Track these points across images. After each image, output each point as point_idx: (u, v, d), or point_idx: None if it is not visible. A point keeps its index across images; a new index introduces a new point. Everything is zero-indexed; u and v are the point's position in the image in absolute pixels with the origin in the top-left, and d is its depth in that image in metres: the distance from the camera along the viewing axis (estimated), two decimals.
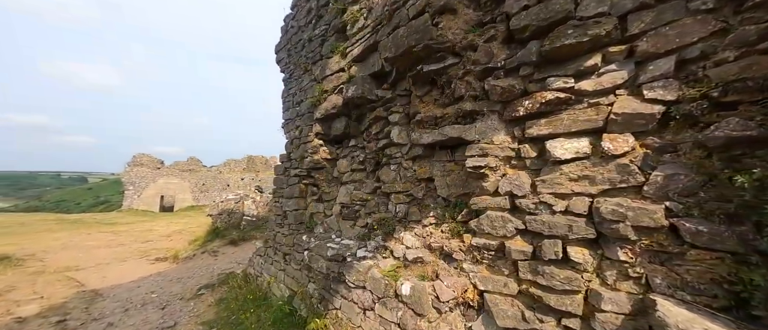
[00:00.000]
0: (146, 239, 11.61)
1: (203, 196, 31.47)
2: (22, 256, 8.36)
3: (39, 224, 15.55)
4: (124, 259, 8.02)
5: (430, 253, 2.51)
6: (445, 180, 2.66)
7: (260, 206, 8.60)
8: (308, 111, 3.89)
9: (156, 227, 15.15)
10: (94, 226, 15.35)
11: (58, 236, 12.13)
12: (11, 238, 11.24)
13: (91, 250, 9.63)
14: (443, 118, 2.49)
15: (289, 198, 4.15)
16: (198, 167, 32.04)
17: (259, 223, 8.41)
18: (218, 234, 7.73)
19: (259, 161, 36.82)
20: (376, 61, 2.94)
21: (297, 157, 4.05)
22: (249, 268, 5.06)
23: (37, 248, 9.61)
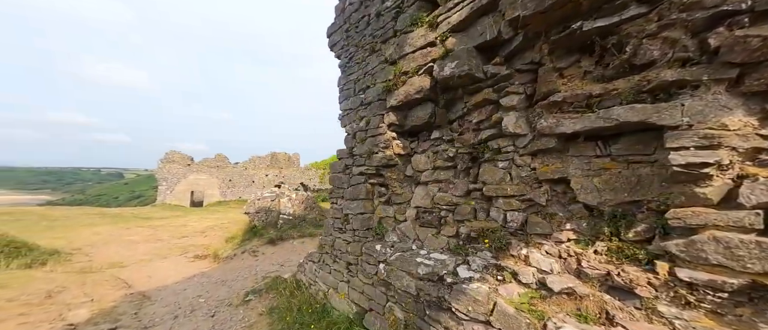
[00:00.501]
0: (182, 235, 11.69)
1: (230, 191, 32.32)
2: (70, 251, 8.52)
3: (83, 218, 16.30)
4: (164, 256, 7.98)
5: (582, 283, 1.85)
6: (591, 182, 1.98)
7: (296, 204, 8.23)
8: (378, 98, 3.31)
9: (190, 222, 15.41)
10: (132, 221, 15.86)
11: (100, 230, 12.53)
12: (60, 232, 11.70)
13: (132, 245, 9.73)
14: (605, 95, 1.80)
15: (352, 200, 3.61)
16: (225, 164, 32.90)
17: (295, 221, 8.05)
18: (256, 233, 7.45)
19: (281, 158, 37.32)
20: (487, 28, 2.29)
21: (362, 153, 3.49)
22: (299, 275, 4.63)
23: (82, 242, 9.84)
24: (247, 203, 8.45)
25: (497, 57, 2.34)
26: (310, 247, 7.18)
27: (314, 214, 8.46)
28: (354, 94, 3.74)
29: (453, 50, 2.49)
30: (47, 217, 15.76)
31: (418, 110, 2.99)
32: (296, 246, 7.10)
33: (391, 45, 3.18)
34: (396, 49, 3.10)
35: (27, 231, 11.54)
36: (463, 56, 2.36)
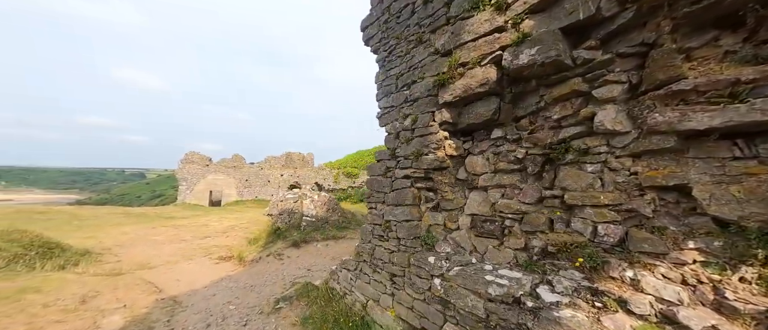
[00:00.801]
0: (204, 235, 11.78)
1: (247, 191, 32.87)
2: (100, 250, 8.66)
3: (110, 217, 16.83)
4: (189, 257, 7.99)
5: (728, 321, 1.47)
6: (726, 190, 1.58)
7: (319, 206, 8.03)
8: (427, 94, 2.98)
9: (210, 222, 15.59)
10: (156, 220, 16.22)
11: (126, 230, 12.83)
12: (89, 231, 12.05)
13: (158, 245, 9.84)
14: (761, 81, 1.42)
15: (395, 205, 3.30)
16: (241, 164, 33.48)
17: (318, 224, 7.85)
18: (280, 235, 7.30)
19: (296, 158, 37.65)
20: (580, 5, 1.92)
21: (408, 154, 3.17)
22: (332, 282, 4.38)
23: (111, 242, 10.03)
24: (269, 204, 8.33)
25: (590, 40, 1.97)
26: (334, 250, 6.98)
27: (336, 216, 8.24)
28: (396, 90, 3.43)
29: (531, 34, 2.13)
30: (77, 217, 16.36)
31: (478, 106, 2.64)
32: (321, 249, 6.89)
33: (444, 34, 2.84)
34: (450, 38, 2.76)
35: (59, 230, 11.96)
36: (548, 40, 2.00)
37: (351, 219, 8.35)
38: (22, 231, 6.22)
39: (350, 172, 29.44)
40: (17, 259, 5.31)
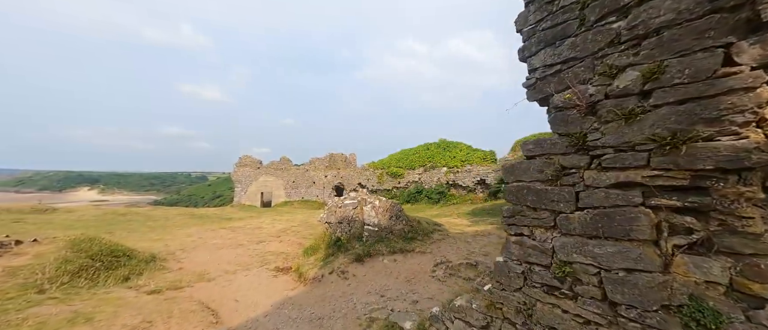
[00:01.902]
0: (259, 239, 11.59)
1: (294, 192, 33.86)
2: (165, 255, 8.69)
3: (177, 219, 18.07)
4: (247, 267, 7.55)
5: None
6: None
7: (381, 213, 6.89)
8: (699, 13, 1.50)
9: (263, 224, 15.71)
10: (216, 222, 16.91)
11: (190, 232, 13.34)
12: (159, 233, 12.72)
13: (217, 251, 9.72)
14: None
15: (595, 238, 1.81)
16: (288, 166, 34.64)
17: (381, 234, 6.71)
18: (340, 247, 6.34)
19: (339, 158, 37.85)
20: None
21: (630, 142, 1.67)
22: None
23: (176, 245, 10.22)
24: (325, 210, 7.44)
25: None
26: (405, 267, 5.80)
27: (401, 225, 7.02)
28: (581, 28, 1.90)
29: None
30: (151, 218, 17.88)
31: None
32: (389, 265, 5.78)
33: None
34: None
35: (135, 232, 12.88)
36: None
37: (418, 228, 7.06)
38: (92, 239, 6.20)
39: (395, 172, 28.33)
40: (81, 272, 5.14)
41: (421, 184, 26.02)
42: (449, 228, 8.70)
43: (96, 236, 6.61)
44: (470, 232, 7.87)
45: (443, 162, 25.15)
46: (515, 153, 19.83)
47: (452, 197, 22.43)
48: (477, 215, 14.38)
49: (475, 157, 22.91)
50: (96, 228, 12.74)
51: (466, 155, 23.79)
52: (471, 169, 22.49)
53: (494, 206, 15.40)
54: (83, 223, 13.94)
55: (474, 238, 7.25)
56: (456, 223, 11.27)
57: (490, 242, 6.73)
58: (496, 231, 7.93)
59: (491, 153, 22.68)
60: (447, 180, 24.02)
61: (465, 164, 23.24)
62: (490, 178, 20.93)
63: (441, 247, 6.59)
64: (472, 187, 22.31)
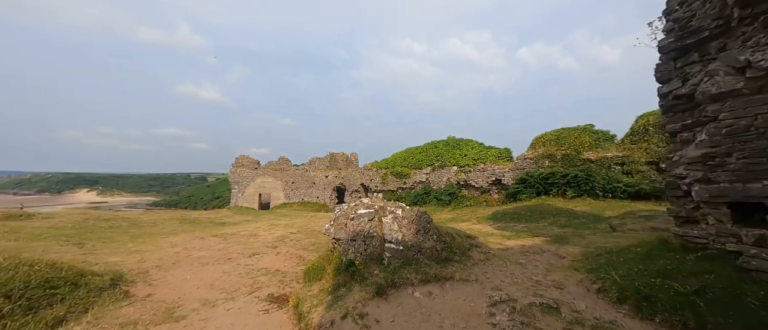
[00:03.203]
0: (252, 250, 9.99)
1: (293, 193, 32.25)
2: (135, 276, 7.08)
3: (167, 224, 16.46)
4: (232, 294, 5.93)
5: None
6: None
7: (405, 226, 5.24)
8: None
9: (260, 231, 14.10)
10: (208, 228, 15.30)
11: (175, 241, 11.72)
12: (139, 243, 11.09)
13: (201, 267, 8.09)
14: None
15: None
16: (287, 166, 33.05)
17: (408, 253, 5.06)
18: (354, 273, 4.69)
19: (340, 158, 36.22)
20: None
21: None
22: None
23: (153, 260, 8.60)
24: (332, 221, 5.80)
25: None
26: (446, 306, 4.12)
27: (431, 241, 5.37)
28: None
29: None
30: (137, 224, 16.27)
31: None
32: (423, 303, 4.13)
33: None
34: None
35: (110, 241, 11.27)
36: None
37: (452, 244, 5.39)
38: (20, 264, 4.57)
39: (400, 171, 26.67)
40: None
41: (428, 185, 24.36)
42: (482, 239, 7.02)
43: (30, 259, 4.97)
44: (515, 248, 6.21)
45: (453, 161, 23.48)
46: (535, 150, 18.16)
47: (464, 199, 20.76)
48: (500, 220, 12.71)
49: (489, 156, 21.24)
50: (66, 238, 11.12)
51: (478, 153, 22.12)
52: (485, 168, 20.82)
53: (517, 210, 13.72)
54: (55, 231, 12.31)
55: (525, 256, 5.58)
56: (484, 232, 9.59)
57: (552, 265, 5.06)
58: (547, 245, 6.26)
59: (506, 151, 21.02)
60: (458, 180, 22.36)
61: (478, 163, 21.57)
62: (507, 177, 19.26)
63: (487, 271, 4.93)
64: (486, 187, 20.65)
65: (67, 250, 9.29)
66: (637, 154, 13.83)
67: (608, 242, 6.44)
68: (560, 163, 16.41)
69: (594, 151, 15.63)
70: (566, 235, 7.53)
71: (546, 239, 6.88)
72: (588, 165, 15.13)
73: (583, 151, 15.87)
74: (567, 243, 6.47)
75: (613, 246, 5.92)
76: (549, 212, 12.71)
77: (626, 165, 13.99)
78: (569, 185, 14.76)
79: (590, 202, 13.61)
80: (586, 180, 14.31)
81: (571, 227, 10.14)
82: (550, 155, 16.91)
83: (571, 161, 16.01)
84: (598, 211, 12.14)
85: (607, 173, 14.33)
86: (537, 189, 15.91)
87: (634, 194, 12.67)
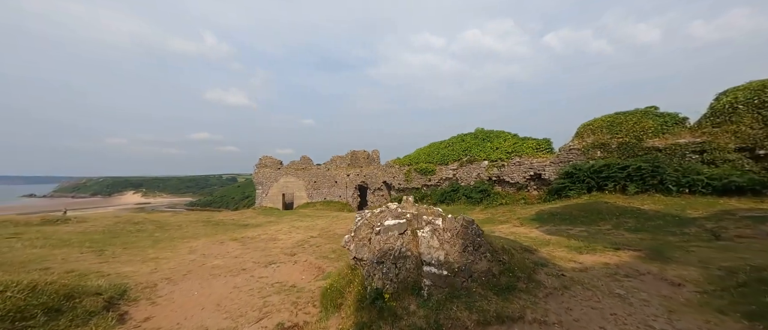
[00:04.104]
0: (269, 259, 9.16)
1: (316, 193, 31.86)
2: (140, 291, 6.41)
3: (191, 227, 16.38)
4: (235, 324, 4.98)
5: None
6: None
7: (448, 241, 3.89)
8: None
9: (279, 234, 13.39)
10: (229, 231, 14.92)
11: (195, 246, 11.27)
12: (158, 249, 10.73)
13: (211, 280, 7.31)
14: None
15: None
16: (309, 165, 32.71)
17: (454, 281, 3.73)
18: (382, 310, 3.44)
19: (361, 156, 35.29)
20: None
21: None
22: None
23: (165, 271, 7.98)
24: (353, 233, 4.57)
25: None
26: None
27: (485, 262, 3.98)
28: None
29: None
30: (163, 227, 16.34)
31: None
32: None
33: None
34: None
35: (131, 247, 11.05)
36: None
37: (513, 264, 3.95)
38: (9, 285, 3.85)
39: (424, 168, 25.09)
40: None
41: (456, 181, 22.58)
42: (544, 252, 5.46)
43: (20, 280, 4.26)
44: (597, 268, 4.61)
45: (483, 155, 21.49)
46: (583, 139, 15.80)
47: (498, 196, 18.80)
48: (548, 222, 10.84)
49: (526, 148, 19.05)
50: (90, 244, 11.03)
51: (512, 146, 19.96)
52: (521, 162, 18.69)
53: (567, 209, 11.71)
54: (83, 237, 12.39)
55: (617, 281, 4.01)
56: (535, 239, 7.92)
57: (668, 298, 3.48)
58: (642, 264, 4.59)
59: (546, 142, 18.71)
60: (489, 175, 20.39)
61: (512, 156, 19.46)
62: (548, 171, 17.04)
63: (571, 307, 3.44)
64: (523, 183, 18.53)
65: (85, 258, 9.03)
66: (723, 139, 11.22)
67: (729, 258, 4.63)
68: (616, 153, 14.01)
69: (661, 138, 13.09)
70: (659, 246, 5.73)
71: (635, 253, 5.17)
72: (654, 154, 12.67)
73: (645, 138, 13.38)
74: (670, 259, 4.74)
75: (744, 264, 4.14)
76: (609, 212, 10.64)
77: (707, 153, 11.43)
78: (630, 179, 12.45)
79: (661, 200, 11.28)
80: (653, 172, 11.94)
81: (646, 232, 8.16)
82: (603, 145, 14.53)
83: (630, 151, 13.58)
84: (677, 210, 9.89)
85: (681, 163, 11.84)
86: (588, 184, 13.70)
87: (721, 189, 10.21)
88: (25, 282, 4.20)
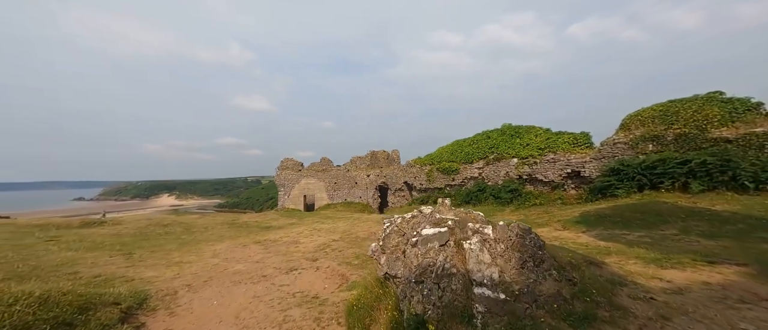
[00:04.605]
0: (290, 265, 8.74)
1: (336, 194, 31.67)
2: (159, 300, 6.17)
3: (216, 230, 16.55)
4: None
5: None
6: None
7: (501, 255, 3.06)
8: None
9: (301, 237, 13.05)
10: (252, 234, 14.83)
11: (218, 250, 11.17)
12: (183, 252, 10.72)
13: (232, 287, 6.97)
14: None
15: None
16: (329, 167, 32.60)
17: (515, 308, 2.91)
18: None
19: (381, 156, 34.66)
20: None
21: None
22: None
23: (187, 276, 7.78)
24: (381, 243, 3.86)
25: None
26: None
27: (551, 282, 3.11)
28: None
29: None
30: (190, 229, 16.64)
31: None
32: None
33: None
34: None
35: (158, 250, 11.16)
36: None
37: (585, 283, 3.03)
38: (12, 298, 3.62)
39: (448, 167, 24.00)
40: None
41: (482, 181, 21.30)
42: (614, 265, 4.47)
43: (15, 292, 4.02)
44: (694, 289, 3.59)
45: (512, 152, 20.09)
46: (629, 132, 14.12)
47: (530, 196, 17.39)
48: (597, 225, 9.55)
49: (561, 143, 17.49)
50: (121, 246, 11.26)
51: (545, 141, 18.44)
52: (556, 159, 17.18)
53: (617, 210, 10.32)
54: (115, 239, 12.75)
55: (734, 310, 3.00)
56: (591, 246, 6.83)
57: None
58: (754, 283, 3.51)
59: (584, 136, 17.06)
60: (519, 174, 19.00)
61: (545, 152, 17.96)
62: (589, 168, 15.45)
63: None
64: (559, 181, 17.01)
65: (113, 261, 9.11)
66: None
67: None
68: (672, 146, 12.28)
69: (730, 127, 11.26)
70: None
71: (740, 269, 4.06)
72: (722, 146, 10.91)
73: (710, 127, 11.58)
74: None
75: None
76: (671, 214, 9.19)
77: None
78: (693, 175, 10.79)
79: (735, 199, 9.62)
80: (723, 167, 10.23)
81: (727, 238, 6.80)
82: (655, 137, 12.82)
83: (691, 143, 11.83)
84: (761, 211, 8.30)
85: (759, 156, 10.06)
86: (638, 182, 12.12)
87: None
88: (37, 293, 3.93)
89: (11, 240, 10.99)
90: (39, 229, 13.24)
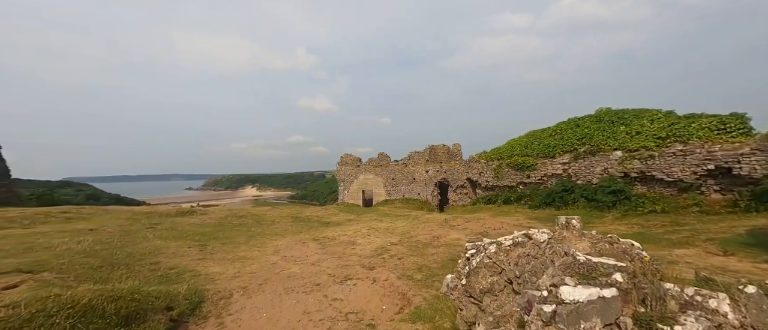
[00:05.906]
0: (345, 272, 7.93)
1: (394, 190, 30.78)
2: (212, 306, 5.91)
3: (281, 223, 17.23)
4: None
5: None
6: None
7: None
8: None
9: (358, 237, 12.29)
10: (312, 230, 14.82)
11: (279, 245, 11.18)
12: (249, 247, 10.98)
13: (284, 295, 6.43)
14: None
15: None
16: (387, 162, 31.88)
17: None
18: None
19: (440, 150, 32.26)
20: None
21: None
22: None
23: (245, 278, 7.58)
24: (464, 284, 2.24)
25: None
26: None
27: None
28: None
29: None
30: (260, 221, 17.73)
31: None
32: None
33: None
34: None
35: (229, 243, 11.76)
36: None
37: None
38: (71, 301, 3.49)
39: (520, 162, 20.52)
40: None
41: (569, 179, 17.43)
42: None
43: (78, 299, 3.89)
44: None
45: (614, 142, 15.84)
46: None
47: (644, 200, 13.26)
48: None
49: (694, 129, 12.82)
50: (200, 236, 12.26)
51: (667, 128, 13.86)
52: (687, 151, 12.67)
53: None
54: (198, 228, 14.11)
55: None
56: None
57: None
58: None
59: (737, 118, 12.12)
60: (625, 170, 14.80)
61: (668, 142, 13.47)
62: (748, 164, 10.81)
63: None
64: (692, 181, 12.53)
65: (189, 253, 9.75)
66: None
67: None
68: None
69: None
70: None
71: None
72: None
73: None
74: None
75: None
76: None
77: None
78: None
79: None
80: None
81: None
82: None
83: None
84: None
85: None
86: None
87: None
88: (85, 300, 3.69)
89: (124, 226, 12.93)
90: (145, 216, 15.54)
